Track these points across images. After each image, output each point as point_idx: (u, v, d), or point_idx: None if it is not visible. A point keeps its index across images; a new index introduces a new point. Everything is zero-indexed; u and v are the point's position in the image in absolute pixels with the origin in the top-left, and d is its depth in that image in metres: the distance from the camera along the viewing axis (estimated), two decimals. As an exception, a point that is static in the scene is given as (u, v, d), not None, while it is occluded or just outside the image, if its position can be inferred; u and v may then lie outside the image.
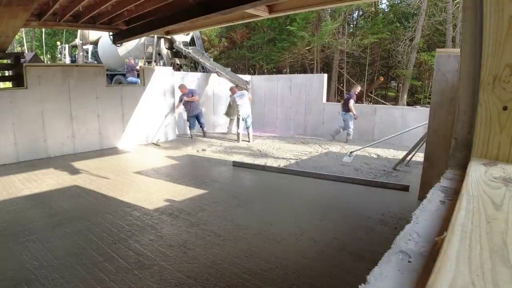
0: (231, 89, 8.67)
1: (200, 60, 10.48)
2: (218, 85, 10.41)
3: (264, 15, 4.98)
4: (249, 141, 8.29)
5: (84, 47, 14.11)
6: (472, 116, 1.11)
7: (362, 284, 0.51)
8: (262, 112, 10.99)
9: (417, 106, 9.90)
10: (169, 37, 10.89)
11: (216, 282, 2.40)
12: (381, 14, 18.02)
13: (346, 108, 8.10)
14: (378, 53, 16.92)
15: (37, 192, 4.36)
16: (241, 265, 2.63)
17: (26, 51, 19.29)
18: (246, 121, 8.30)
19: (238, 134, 8.43)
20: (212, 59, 10.88)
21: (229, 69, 10.50)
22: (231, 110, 8.88)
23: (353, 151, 6.39)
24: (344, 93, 16.81)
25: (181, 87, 8.21)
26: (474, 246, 0.53)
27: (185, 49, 10.95)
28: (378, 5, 17.80)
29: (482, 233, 0.58)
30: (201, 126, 8.78)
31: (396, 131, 8.17)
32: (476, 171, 0.93)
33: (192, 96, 8.19)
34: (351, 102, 8.01)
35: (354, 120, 8.14)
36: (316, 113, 9.87)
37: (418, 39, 14.60)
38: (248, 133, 8.40)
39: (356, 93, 8.32)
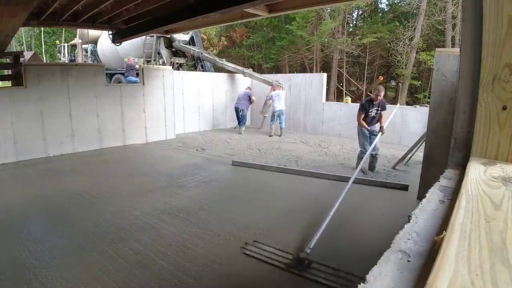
0: (272, 87, 9.50)
1: (217, 61, 10.59)
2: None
3: (263, 14, 4.98)
4: (280, 135, 9.10)
5: (84, 46, 14.08)
6: (472, 115, 1.11)
7: (362, 283, 0.51)
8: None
9: (416, 106, 9.90)
10: (168, 36, 10.88)
11: (216, 281, 2.40)
12: (380, 14, 18.03)
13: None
14: (377, 52, 16.92)
15: (37, 192, 4.35)
16: (241, 264, 2.63)
17: (25, 50, 19.23)
18: (279, 117, 9.08)
19: (271, 129, 9.24)
20: (224, 59, 10.96)
21: (251, 69, 10.69)
22: (266, 107, 9.88)
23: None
24: (344, 92, 16.82)
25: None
26: (473, 246, 0.54)
27: (195, 50, 10.96)
28: (377, 4, 17.80)
29: (481, 232, 0.58)
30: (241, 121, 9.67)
31: (396, 130, 8.21)
32: (475, 170, 0.93)
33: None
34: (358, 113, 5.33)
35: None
36: (315, 113, 9.88)
37: (418, 38, 14.61)
38: (281, 128, 9.22)
39: (376, 96, 5.13)
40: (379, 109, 5.17)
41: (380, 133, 5.14)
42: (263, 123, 10.36)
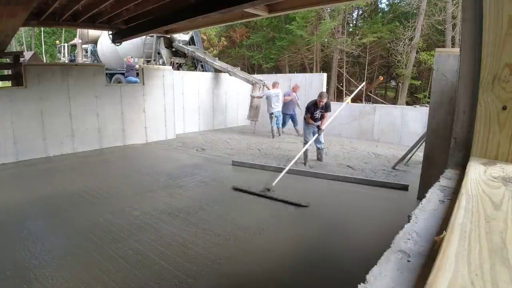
0: (267, 85, 9.19)
1: (207, 60, 10.51)
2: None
3: (263, 14, 4.98)
4: (279, 135, 8.98)
5: (84, 46, 14.08)
6: (472, 115, 1.11)
7: (362, 283, 0.51)
8: (262, 111, 10.99)
9: (416, 106, 9.90)
10: (168, 36, 10.88)
11: (216, 281, 2.40)
12: (380, 14, 18.03)
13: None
14: (377, 52, 16.92)
15: (37, 192, 4.35)
16: (241, 264, 2.63)
17: (25, 50, 19.22)
18: (277, 118, 8.91)
19: (272, 131, 8.93)
20: (217, 58, 10.89)
21: (239, 68, 10.56)
22: (254, 110, 9.46)
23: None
24: (344, 93, 16.81)
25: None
26: (473, 246, 0.54)
27: (189, 49, 10.96)
28: (377, 4, 17.80)
29: (481, 232, 0.58)
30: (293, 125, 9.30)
31: (395, 130, 8.21)
32: (475, 170, 0.93)
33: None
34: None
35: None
36: (315, 113, 9.85)
37: (418, 38, 14.61)
38: (279, 129, 9.04)
39: (319, 102, 5.69)
40: (323, 110, 5.77)
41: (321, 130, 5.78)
42: (254, 128, 9.90)
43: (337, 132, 9.31)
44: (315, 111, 5.74)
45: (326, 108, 5.76)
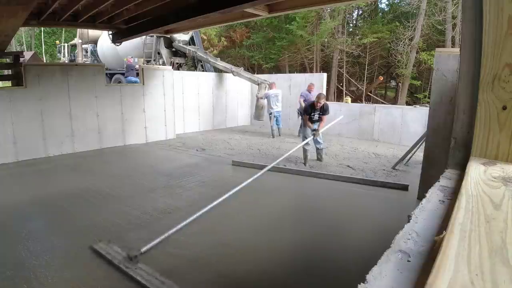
0: (269, 85, 9.17)
1: (209, 60, 10.50)
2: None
3: (263, 14, 4.98)
4: (279, 135, 9.01)
5: (84, 46, 14.08)
6: (472, 115, 1.11)
7: (362, 283, 0.51)
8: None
9: (416, 106, 9.90)
10: (168, 36, 10.88)
11: (216, 281, 2.40)
12: (380, 14, 18.02)
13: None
14: (377, 52, 16.92)
15: (36, 192, 4.35)
16: (241, 264, 2.63)
17: (25, 50, 19.21)
18: (277, 119, 8.92)
19: (272, 131, 8.96)
20: (219, 59, 10.90)
21: (242, 68, 10.57)
22: (259, 110, 9.49)
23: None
24: (344, 92, 16.82)
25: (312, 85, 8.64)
26: (473, 246, 0.54)
27: (190, 49, 10.97)
28: (377, 4, 17.79)
29: (481, 232, 0.58)
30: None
31: (395, 130, 8.21)
32: (475, 170, 0.93)
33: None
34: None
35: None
36: (315, 113, 9.86)
37: (418, 38, 14.60)
38: (279, 129, 9.07)
39: (317, 103, 5.69)
40: (321, 113, 5.74)
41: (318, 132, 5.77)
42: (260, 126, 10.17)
43: (337, 132, 9.31)
44: (313, 112, 5.71)
45: (324, 110, 5.71)
